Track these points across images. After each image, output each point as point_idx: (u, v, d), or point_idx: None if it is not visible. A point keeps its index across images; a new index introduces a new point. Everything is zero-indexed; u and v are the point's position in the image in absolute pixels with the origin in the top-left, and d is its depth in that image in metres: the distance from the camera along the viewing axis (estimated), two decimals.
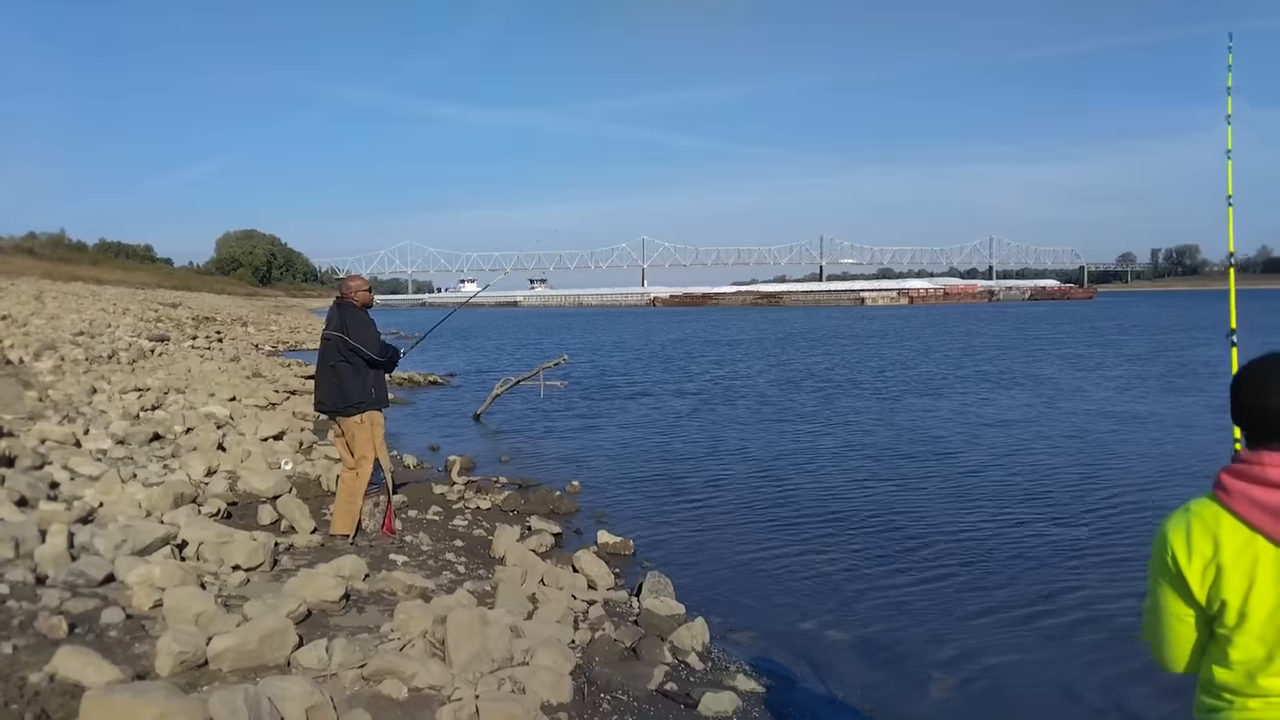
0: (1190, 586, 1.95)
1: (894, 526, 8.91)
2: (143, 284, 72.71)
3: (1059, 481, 10.80)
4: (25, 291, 37.59)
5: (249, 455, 9.42)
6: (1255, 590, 1.88)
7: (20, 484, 6.66)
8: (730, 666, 5.42)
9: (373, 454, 7.06)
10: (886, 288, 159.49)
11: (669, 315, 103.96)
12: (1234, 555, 1.89)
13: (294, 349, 34.49)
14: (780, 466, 12.17)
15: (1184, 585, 1.96)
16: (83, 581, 5.08)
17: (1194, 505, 2.00)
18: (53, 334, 21.37)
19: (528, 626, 5.18)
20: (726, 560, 7.93)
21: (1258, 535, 1.88)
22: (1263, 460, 1.91)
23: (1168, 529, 2.01)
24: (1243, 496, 1.90)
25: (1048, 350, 33.31)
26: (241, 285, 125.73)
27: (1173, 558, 1.97)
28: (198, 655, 4.21)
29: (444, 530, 8.05)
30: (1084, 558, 7.81)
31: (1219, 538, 1.91)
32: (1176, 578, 1.98)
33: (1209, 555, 1.92)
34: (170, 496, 7.02)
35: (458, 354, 37.88)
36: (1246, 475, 1.92)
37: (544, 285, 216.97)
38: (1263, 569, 1.87)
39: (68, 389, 13.11)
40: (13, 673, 3.80)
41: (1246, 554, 1.89)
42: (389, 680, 4.24)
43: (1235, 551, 1.89)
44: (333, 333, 6.99)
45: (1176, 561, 1.96)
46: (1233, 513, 1.91)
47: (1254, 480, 1.90)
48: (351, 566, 5.87)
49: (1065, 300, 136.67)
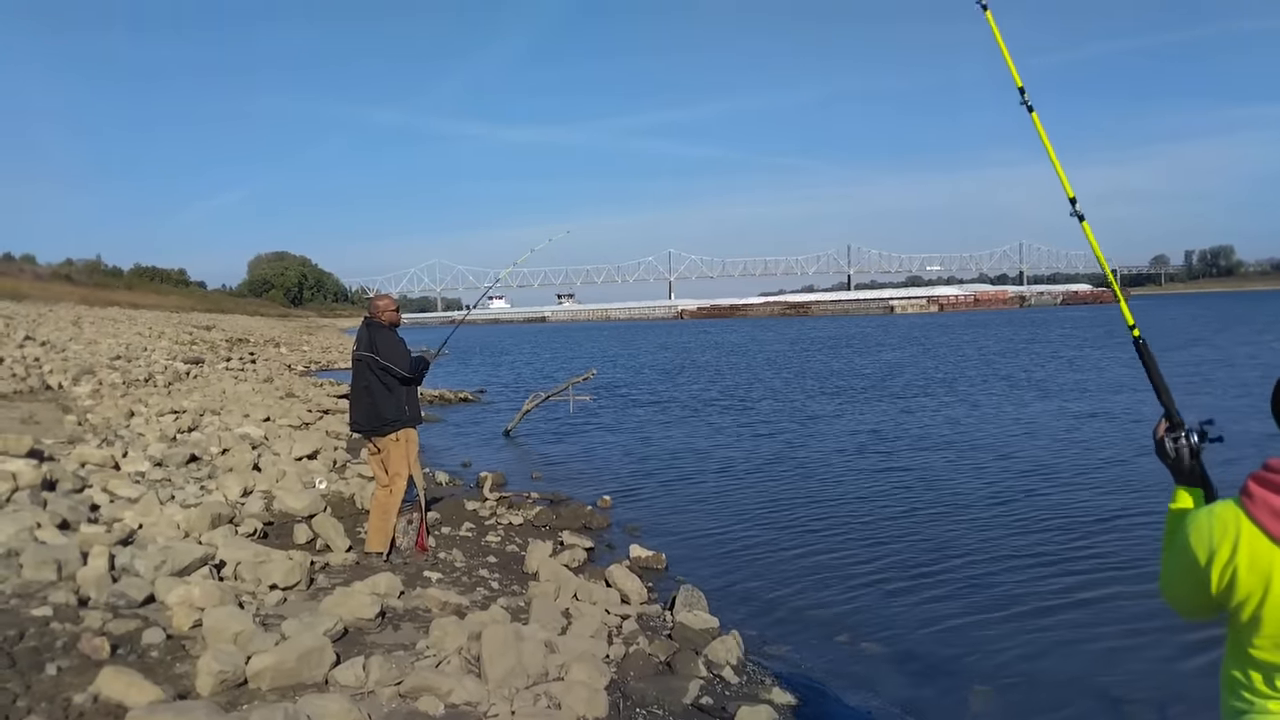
0: (1209, 583, 1.97)
1: (929, 537, 8.83)
2: (177, 307, 73.85)
3: (1101, 488, 10.65)
4: (63, 317, 38.27)
5: (284, 475, 9.52)
6: (1270, 597, 1.88)
7: (61, 507, 6.77)
8: (765, 680, 5.39)
9: (407, 471, 7.11)
10: (916, 295, 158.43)
11: (697, 327, 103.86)
12: (1249, 561, 1.89)
13: (326, 369, 34.81)
14: (812, 478, 12.11)
15: (1203, 580, 1.98)
16: (124, 603, 5.16)
17: (1218, 507, 2.01)
18: (90, 359, 21.72)
19: (562, 642, 5.19)
20: (760, 574, 7.89)
21: (1276, 545, 1.88)
22: None
23: (1189, 524, 2.04)
24: (1264, 504, 1.90)
25: (1079, 356, 32.89)
26: (274, 306, 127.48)
27: (1193, 553, 1.99)
28: (237, 674, 4.26)
29: (477, 546, 8.09)
30: (1127, 564, 7.69)
31: (1238, 542, 1.91)
32: (1194, 569, 2.00)
33: (1226, 558, 1.93)
34: (208, 517, 7.11)
35: (488, 371, 38.08)
36: (1270, 484, 1.91)
37: (571, 300, 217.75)
38: (1278, 577, 1.87)
39: (106, 413, 13.32)
40: (58, 694, 3.86)
41: (1263, 561, 1.89)
42: (426, 697, 4.26)
43: (1251, 558, 1.89)
44: (363, 353, 7.06)
45: (1194, 558, 1.99)
46: (1253, 519, 1.91)
47: (1277, 489, 1.90)
48: (386, 584, 5.91)
49: (1099, 304, 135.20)
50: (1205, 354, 30.32)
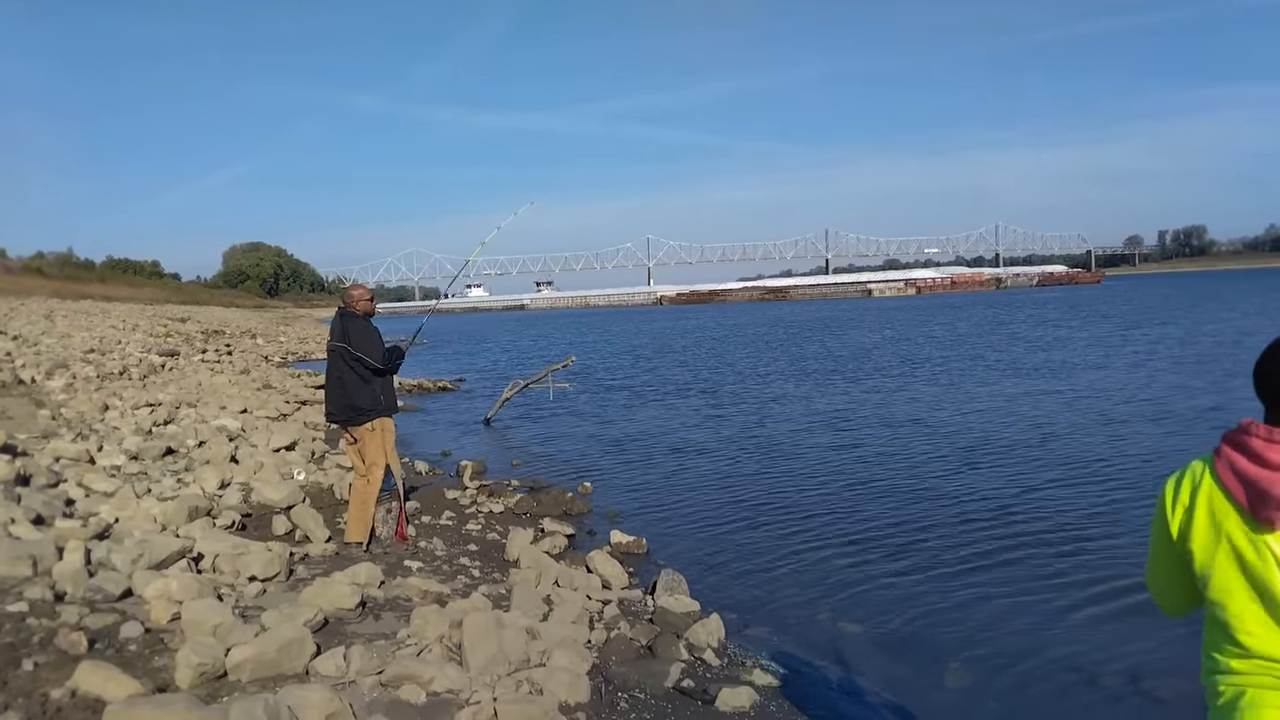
0: (1170, 533, 2.10)
1: (907, 517, 8.91)
2: (151, 300, 72.99)
3: (1078, 466, 10.77)
4: (35, 311, 37.79)
5: (262, 467, 9.46)
6: (1220, 553, 1.99)
7: (36, 502, 6.70)
8: (747, 662, 5.43)
9: (384, 461, 7.09)
10: (893, 278, 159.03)
11: (676, 313, 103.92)
12: (1206, 515, 2.02)
13: (303, 359, 34.60)
14: (791, 461, 12.17)
15: (1167, 531, 2.11)
16: (101, 597, 5.12)
17: (1194, 462, 2.12)
18: (64, 352, 21.47)
19: (543, 628, 5.20)
20: (740, 556, 7.94)
21: (1230, 503, 1.98)
22: (1251, 430, 1.99)
23: (1168, 480, 2.16)
24: (1227, 462, 2.00)
25: (1058, 337, 33.17)
26: (249, 298, 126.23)
27: (1162, 504, 2.13)
28: (217, 666, 4.24)
29: (457, 535, 8.08)
30: (1101, 543, 7.79)
31: (1198, 496, 2.04)
32: (1162, 523, 2.13)
33: (1186, 505, 2.06)
34: (185, 510, 7.06)
35: (466, 359, 37.97)
36: (1236, 443, 2.01)
37: (550, 287, 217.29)
38: (1230, 535, 1.98)
39: (80, 406, 13.18)
40: (35, 689, 3.83)
41: (1218, 515, 2.00)
42: (407, 685, 4.26)
43: (1208, 512, 2.01)
44: (336, 343, 7.03)
45: (1163, 508, 2.12)
46: (1215, 475, 2.03)
47: (1239, 449, 1.99)
48: (367, 574, 5.90)
49: (1073, 285, 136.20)
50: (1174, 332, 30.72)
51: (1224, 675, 2.04)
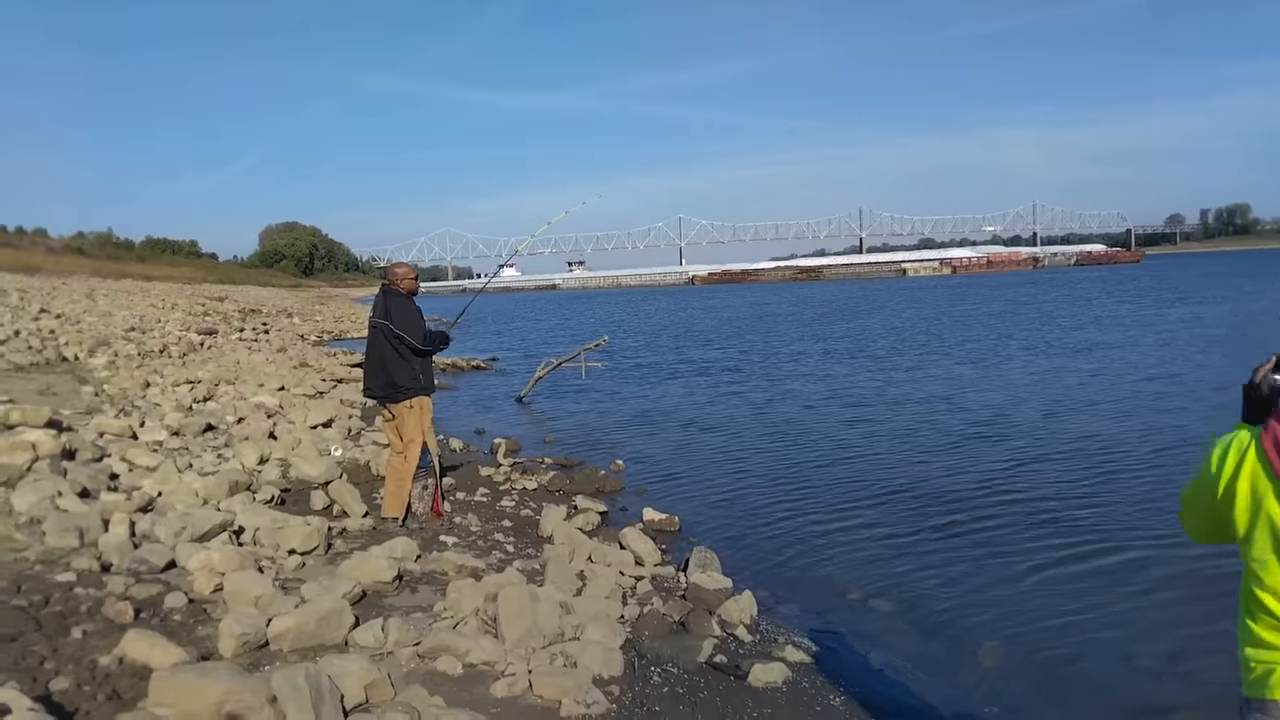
0: (1215, 493, 2.12)
1: (939, 495, 8.86)
2: (189, 279, 73.85)
3: (1112, 445, 10.64)
4: (77, 290, 38.43)
5: (299, 443, 9.59)
6: (1259, 522, 2.02)
7: (82, 476, 6.85)
8: (779, 638, 5.46)
9: (421, 438, 7.15)
10: (928, 258, 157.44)
11: (707, 293, 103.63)
12: (1248, 486, 2.04)
13: (339, 338, 34.93)
14: (823, 440, 12.14)
15: (1212, 489, 2.13)
16: (145, 568, 5.24)
17: (1242, 429, 2.14)
18: (105, 330, 21.85)
19: (577, 603, 5.25)
20: (772, 535, 7.95)
21: (1269, 478, 2.00)
22: None
23: (1218, 440, 2.17)
24: (1272, 438, 2.01)
25: (1097, 315, 32.72)
26: (285, 277, 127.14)
27: (1208, 464, 2.15)
28: (259, 636, 4.33)
29: (492, 511, 8.15)
30: (1141, 521, 7.70)
31: (1242, 466, 2.06)
32: (1208, 480, 2.15)
33: (1230, 473, 2.07)
34: (225, 485, 7.18)
35: (500, 338, 38.15)
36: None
37: (582, 267, 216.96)
38: (1269, 511, 2.01)
39: (122, 383, 13.42)
40: (84, 656, 3.94)
41: (1259, 488, 2.03)
42: (444, 657, 4.33)
43: (1251, 482, 2.04)
44: (379, 320, 7.09)
45: (1209, 468, 2.14)
46: (1260, 448, 2.03)
47: None
48: (403, 548, 5.98)
49: (1112, 264, 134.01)
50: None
51: (1257, 648, 2.06)
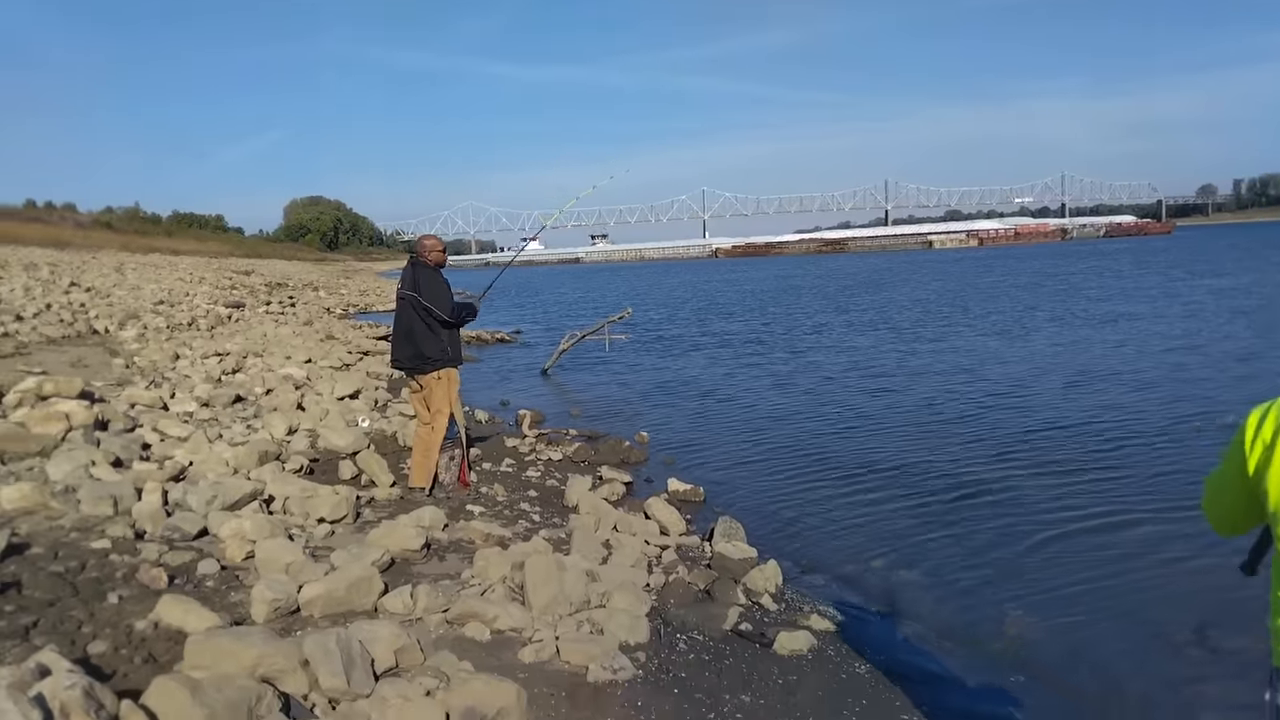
0: (1246, 467, 2.03)
1: (963, 465, 8.83)
2: (216, 253, 74.49)
3: (1138, 416, 10.55)
4: (106, 264, 38.85)
5: (327, 414, 9.68)
6: None
7: (115, 446, 6.95)
8: (804, 607, 5.47)
9: (448, 409, 7.18)
10: (955, 230, 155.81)
11: (731, 266, 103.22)
12: None
13: (364, 311, 35.10)
14: (847, 411, 12.11)
15: (1243, 465, 2.04)
16: (178, 536, 5.32)
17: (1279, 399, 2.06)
18: (135, 304, 22.10)
19: (603, 571, 5.29)
20: (797, 505, 7.96)
21: None
22: None
23: (1252, 412, 2.09)
24: None
25: (1124, 286, 32.32)
26: (310, 251, 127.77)
27: (1241, 436, 2.05)
28: (290, 602, 4.40)
29: (517, 481, 8.21)
30: (1166, 491, 7.64)
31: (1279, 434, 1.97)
32: (1239, 455, 2.06)
33: (1267, 442, 1.98)
34: (255, 455, 7.26)
35: (523, 311, 38.22)
36: None
37: (605, 240, 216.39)
38: None
39: (152, 355, 13.58)
40: (120, 620, 4.01)
41: None
42: (472, 623, 4.38)
43: None
44: (407, 291, 7.10)
45: (1241, 441, 2.05)
46: None
47: None
48: (431, 517, 6.03)
49: (1142, 235, 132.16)
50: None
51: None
